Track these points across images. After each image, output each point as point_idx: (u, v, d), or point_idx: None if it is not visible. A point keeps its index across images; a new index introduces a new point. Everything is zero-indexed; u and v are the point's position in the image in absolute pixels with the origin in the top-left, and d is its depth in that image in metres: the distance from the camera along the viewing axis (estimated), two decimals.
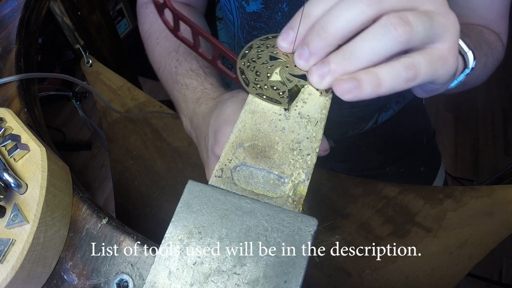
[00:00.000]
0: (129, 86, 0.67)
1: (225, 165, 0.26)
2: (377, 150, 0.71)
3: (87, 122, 0.70)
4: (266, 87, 0.30)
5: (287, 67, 0.31)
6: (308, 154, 0.26)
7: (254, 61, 0.31)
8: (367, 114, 0.66)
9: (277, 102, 0.29)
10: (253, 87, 0.30)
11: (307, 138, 0.27)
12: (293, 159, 0.26)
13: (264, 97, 0.29)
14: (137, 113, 0.65)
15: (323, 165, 0.69)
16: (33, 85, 0.44)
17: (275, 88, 0.30)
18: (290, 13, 0.49)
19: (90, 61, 0.66)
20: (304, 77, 0.30)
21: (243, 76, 0.30)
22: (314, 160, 0.26)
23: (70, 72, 1.63)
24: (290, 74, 0.30)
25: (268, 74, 0.31)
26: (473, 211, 0.52)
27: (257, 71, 0.31)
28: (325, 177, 0.58)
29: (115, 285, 0.30)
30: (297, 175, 0.26)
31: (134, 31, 1.69)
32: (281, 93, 0.29)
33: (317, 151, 0.27)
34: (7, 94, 0.41)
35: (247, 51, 0.32)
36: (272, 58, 0.31)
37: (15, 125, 0.33)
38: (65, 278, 0.31)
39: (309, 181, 0.25)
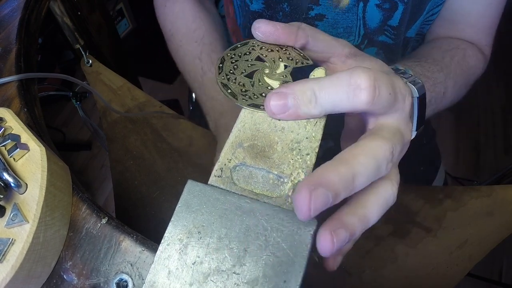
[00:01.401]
0: (129, 86, 0.67)
1: (225, 165, 0.26)
2: None
3: (87, 122, 0.70)
4: (255, 96, 0.29)
5: (267, 70, 0.30)
6: (308, 154, 0.26)
7: (232, 73, 0.31)
8: None
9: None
10: (243, 99, 0.29)
11: (307, 138, 0.27)
12: (292, 159, 0.26)
13: (261, 107, 0.28)
14: (137, 113, 0.65)
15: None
16: (33, 85, 0.44)
17: (264, 94, 0.29)
18: (291, 13, 0.49)
19: (90, 61, 0.66)
20: (286, 74, 0.30)
21: (228, 91, 0.30)
22: (314, 160, 0.26)
23: (70, 72, 1.62)
24: (274, 75, 0.30)
25: (252, 82, 0.30)
26: (473, 211, 0.52)
27: (239, 82, 0.30)
28: None
29: (114, 284, 0.30)
30: (296, 175, 0.26)
31: (134, 31, 1.69)
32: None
33: (317, 151, 0.27)
34: (7, 94, 0.41)
35: (221, 65, 0.31)
36: (249, 65, 0.31)
37: (15, 125, 0.33)
38: (65, 277, 0.31)
39: None
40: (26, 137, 0.32)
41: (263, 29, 0.29)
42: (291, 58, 0.31)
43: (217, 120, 0.49)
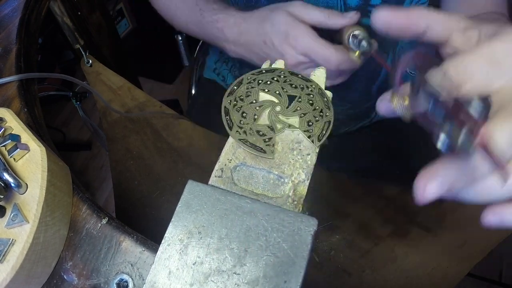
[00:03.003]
0: (129, 86, 0.67)
1: (225, 165, 0.26)
2: (373, 149, 0.71)
3: (87, 122, 0.70)
4: (251, 131, 0.27)
5: (277, 108, 0.28)
6: (308, 154, 0.26)
7: (242, 100, 0.29)
8: (359, 111, 0.66)
9: (261, 150, 0.26)
10: (237, 131, 0.27)
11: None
12: (293, 159, 0.26)
13: (248, 143, 0.26)
14: (137, 113, 0.65)
15: (319, 164, 0.69)
16: (33, 85, 0.44)
17: (261, 133, 0.27)
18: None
19: (90, 61, 0.66)
20: (294, 121, 0.27)
21: (227, 117, 0.28)
22: (314, 160, 0.26)
23: (70, 72, 1.62)
24: (281, 117, 0.28)
25: (256, 116, 0.28)
26: (473, 211, 0.52)
27: (243, 112, 0.28)
28: (325, 177, 0.58)
29: (115, 285, 0.30)
30: (297, 175, 0.26)
31: (134, 31, 1.69)
32: (267, 140, 0.27)
33: (317, 151, 0.27)
34: (7, 94, 0.41)
35: (235, 87, 0.29)
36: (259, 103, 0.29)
37: (15, 125, 0.33)
38: (65, 278, 0.31)
39: (309, 181, 0.25)
40: (26, 137, 0.32)
41: (383, 18, 0.27)
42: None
43: (239, 30, 0.52)
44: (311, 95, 0.29)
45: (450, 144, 0.20)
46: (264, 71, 0.31)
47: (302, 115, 0.28)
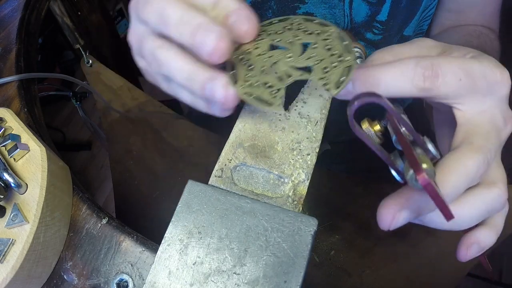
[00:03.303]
0: (129, 86, 0.67)
1: (225, 165, 0.26)
2: (375, 154, 0.70)
3: (87, 122, 0.70)
4: (257, 84, 0.24)
5: (288, 58, 0.25)
6: (308, 154, 0.26)
7: (249, 53, 0.26)
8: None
9: (266, 103, 0.23)
10: (241, 86, 0.24)
11: (307, 138, 0.27)
12: (293, 159, 0.26)
13: (252, 97, 0.24)
14: (137, 113, 0.65)
15: (320, 167, 0.69)
16: (33, 85, 0.44)
17: (268, 85, 0.24)
18: (279, 11, 0.49)
19: (90, 61, 0.66)
20: (308, 69, 0.24)
21: (233, 72, 0.25)
22: (314, 160, 0.26)
23: (70, 72, 1.63)
24: (292, 66, 0.25)
25: (263, 68, 0.25)
26: None
27: (250, 65, 0.25)
28: (325, 177, 0.58)
29: (115, 285, 0.30)
30: (297, 175, 0.26)
31: None
32: (274, 92, 0.24)
33: (317, 151, 0.27)
34: (7, 94, 0.41)
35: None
36: (273, 47, 0.26)
37: (15, 125, 0.33)
38: (65, 278, 0.31)
39: (309, 181, 0.25)
40: (26, 137, 0.32)
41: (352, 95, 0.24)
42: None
43: None
44: (329, 39, 0.25)
45: (402, 178, 0.22)
46: (275, 21, 0.28)
47: (317, 61, 0.24)
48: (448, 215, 0.19)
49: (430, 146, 0.22)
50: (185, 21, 0.24)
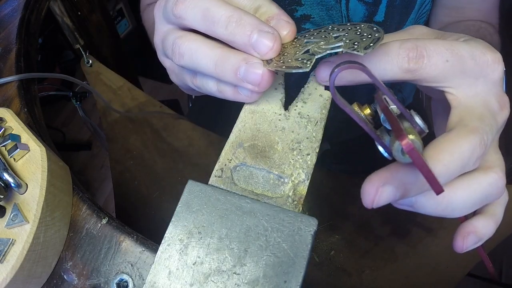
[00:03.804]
0: (129, 86, 0.67)
1: (225, 165, 0.26)
2: (375, 153, 0.70)
3: (87, 122, 0.70)
4: (290, 61, 0.25)
5: (321, 44, 0.26)
6: (308, 154, 0.26)
7: (285, 48, 0.27)
8: None
9: (296, 67, 0.24)
10: (275, 63, 0.25)
11: (307, 138, 0.27)
12: (293, 159, 0.26)
13: (284, 67, 0.25)
14: (137, 113, 0.65)
15: (320, 167, 0.69)
16: (33, 85, 0.44)
17: (299, 59, 0.25)
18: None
19: (90, 61, 0.66)
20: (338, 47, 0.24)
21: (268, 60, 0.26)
22: (314, 160, 0.26)
23: (70, 72, 1.63)
24: (324, 46, 0.25)
25: (297, 53, 0.26)
26: None
27: (285, 53, 0.26)
28: (325, 177, 0.58)
29: (115, 285, 0.30)
30: (297, 175, 0.26)
31: (134, 31, 1.69)
32: (305, 61, 0.25)
33: (317, 151, 0.27)
34: (7, 94, 0.41)
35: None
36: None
37: (15, 125, 0.33)
38: (65, 278, 0.31)
39: (309, 181, 0.25)
40: (26, 137, 0.32)
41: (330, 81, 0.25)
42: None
43: None
44: (359, 30, 0.26)
45: (389, 153, 0.21)
46: (311, 30, 0.29)
47: (348, 40, 0.25)
48: (437, 187, 0.18)
49: (418, 119, 0.22)
50: (236, 20, 0.25)
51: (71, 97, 0.69)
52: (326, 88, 0.30)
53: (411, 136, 0.19)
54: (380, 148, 0.22)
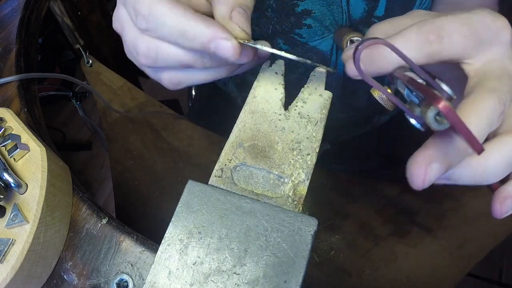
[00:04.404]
0: (129, 86, 0.67)
1: (225, 165, 0.26)
2: (375, 152, 0.71)
3: (87, 122, 0.70)
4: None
5: None
6: (308, 154, 0.26)
7: None
8: (363, 118, 0.66)
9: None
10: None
11: (307, 138, 0.27)
12: (293, 159, 0.26)
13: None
14: (137, 113, 0.65)
15: (320, 167, 0.69)
16: (33, 85, 0.44)
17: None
18: (279, 9, 0.49)
19: (90, 61, 0.66)
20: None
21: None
22: (314, 160, 0.26)
23: (70, 72, 1.63)
24: None
25: None
26: (473, 211, 0.52)
27: None
28: (325, 177, 0.58)
29: (115, 285, 0.30)
30: (297, 175, 0.26)
31: None
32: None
33: (317, 151, 0.27)
34: (7, 94, 0.41)
35: None
36: None
37: (15, 125, 0.33)
38: (65, 278, 0.31)
39: (309, 181, 0.25)
40: (26, 137, 0.32)
41: (353, 73, 0.26)
42: None
43: None
44: None
45: (422, 124, 0.21)
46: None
47: None
48: (477, 146, 0.18)
49: (445, 86, 0.22)
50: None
51: (71, 97, 0.69)
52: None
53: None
54: (412, 121, 0.22)
